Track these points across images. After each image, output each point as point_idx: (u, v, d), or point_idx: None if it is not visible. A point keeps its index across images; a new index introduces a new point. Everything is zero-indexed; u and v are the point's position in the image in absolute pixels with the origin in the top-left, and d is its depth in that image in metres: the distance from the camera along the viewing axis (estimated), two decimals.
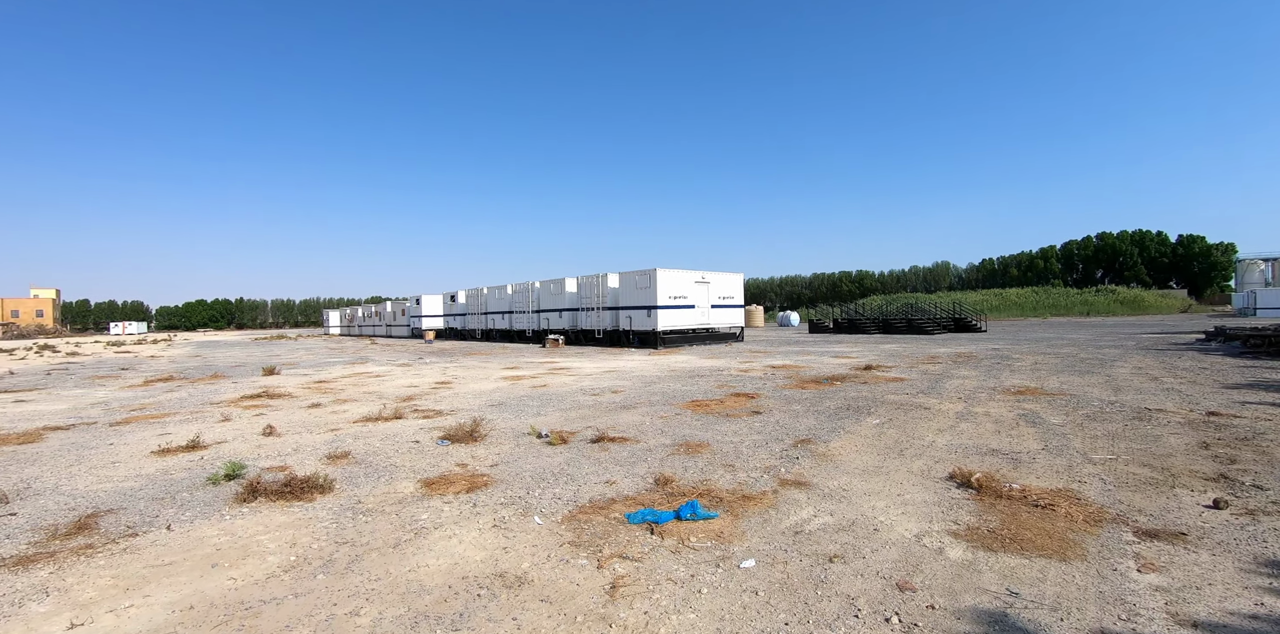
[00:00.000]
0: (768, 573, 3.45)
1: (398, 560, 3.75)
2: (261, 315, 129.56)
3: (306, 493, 5.01)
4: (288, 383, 14.51)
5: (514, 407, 9.67)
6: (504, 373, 15.52)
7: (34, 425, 9.16)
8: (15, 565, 3.83)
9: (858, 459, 5.88)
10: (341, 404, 10.54)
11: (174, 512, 4.80)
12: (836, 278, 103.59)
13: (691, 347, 24.88)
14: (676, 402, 9.65)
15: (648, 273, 24.57)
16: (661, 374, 14.01)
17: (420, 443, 7.03)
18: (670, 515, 4.31)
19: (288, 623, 3.04)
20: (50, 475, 6.08)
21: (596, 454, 6.26)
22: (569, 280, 29.96)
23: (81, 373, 19.67)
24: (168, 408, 10.76)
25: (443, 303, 44.50)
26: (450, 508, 4.70)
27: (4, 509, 4.99)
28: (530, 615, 3.05)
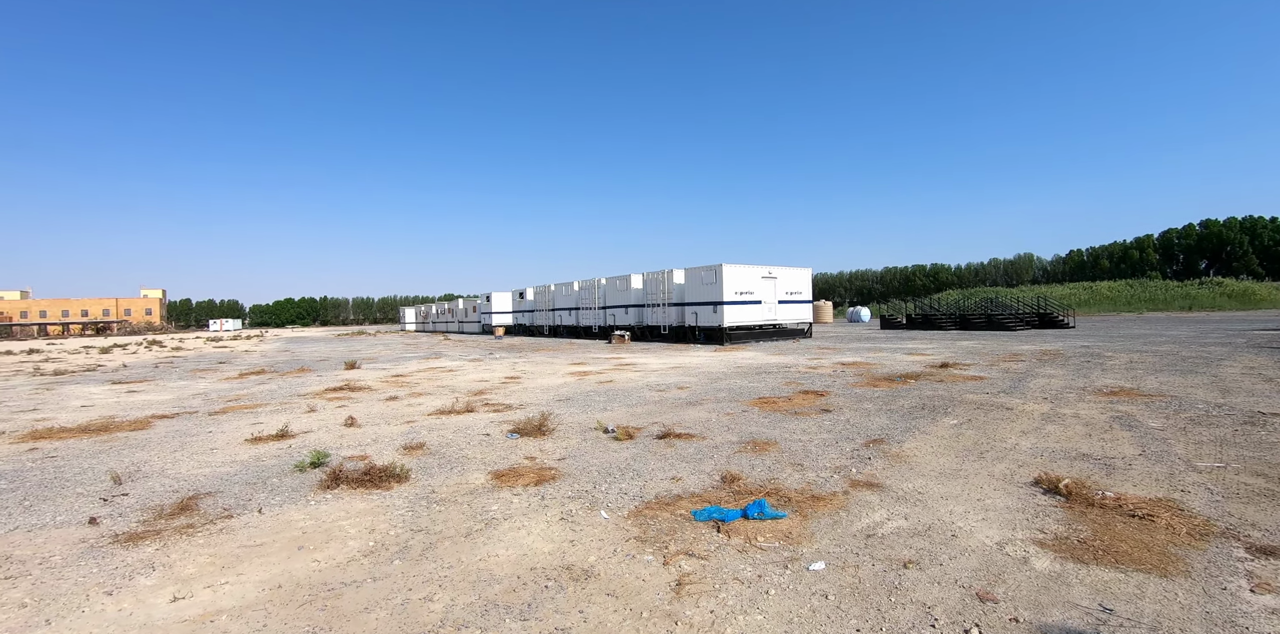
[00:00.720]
0: (838, 577, 3.37)
1: (469, 549, 3.87)
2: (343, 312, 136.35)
3: (384, 482, 5.23)
4: (367, 377, 15.22)
5: (581, 402, 9.80)
6: (571, 368, 15.76)
7: (144, 414, 9.96)
8: (126, 541, 4.18)
9: (934, 461, 5.65)
10: (417, 397, 10.96)
11: (265, 496, 5.12)
12: (910, 272, 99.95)
13: (758, 343, 24.57)
14: (743, 399, 9.55)
15: (713, 268, 24.39)
16: (727, 370, 13.90)
17: (490, 436, 7.23)
18: (737, 514, 4.26)
19: (366, 605, 3.18)
20: (157, 460, 6.59)
21: (662, 450, 6.26)
22: (634, 277, 30.09)
23: (184, 366, 21.26)
24: (260, 399, 11.48)
25: (512, 300, 45.58)
26: (519, 500, 4.81)
27: (117, 490, 5.45)
28: (597, 609, 3.08)
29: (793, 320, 26.94)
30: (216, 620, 3.08)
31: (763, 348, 21.61)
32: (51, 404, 11.88)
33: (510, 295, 45.94)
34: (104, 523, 4.58)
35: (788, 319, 26.60)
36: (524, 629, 2.91)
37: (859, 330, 35.28)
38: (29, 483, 5.83)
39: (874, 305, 77.07)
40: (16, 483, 5.84)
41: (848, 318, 53.67)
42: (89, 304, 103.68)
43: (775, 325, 26.50)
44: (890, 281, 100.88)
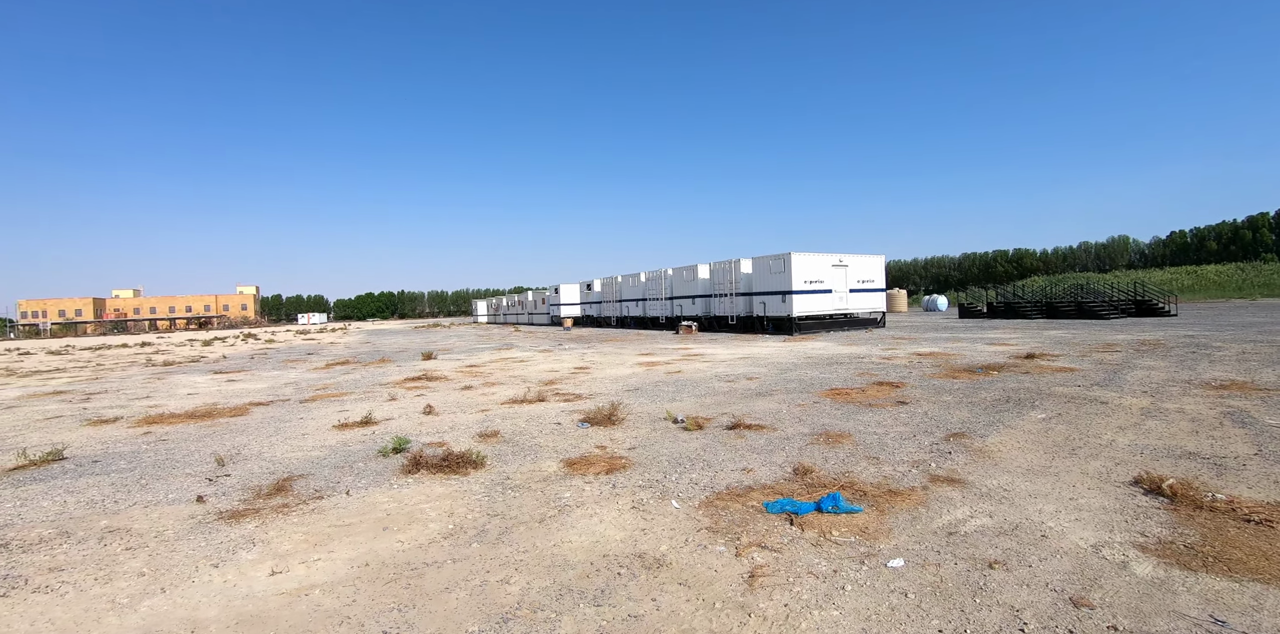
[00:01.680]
0: (918, 575, 3.25)
1: (543, 535, 3.95)
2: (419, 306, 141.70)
3: (461, 467, 5.42)
4: (443, 367, 15.77)
5: (649, 392, 9.83)
6: (639, 359, 15.84)
7: (242, 401, 10.67)
8: (230, 518, 4.49)
9: (1020, 457, 5.37)
10: (490, 387, 11.28)
11: (352, 479, 5.39)
12: (990, 258, 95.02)
13: (828, 333, 23.98)
14: (814, 390, 9.35)
15: (781, 257, 23.92)
16: (797, 361, 13.64)
17: (562, 425, 7.36)
18: (810, 507, 4.18)
19: (447, 585, 3.30)
20: (255, 444, 7.04)
21: (732, 441, 6.21)
22: (701, 267, 29.90)
23: (276, 357, 22.65)
24: (345, 388, 12.10)
25: (580, 292, 46.17)
26: (591, 488, 4.88)
27: (220, 471, 5.86)
28: (669, 598, 3.08)
29: (865, 309, 26.15)
30: (310, 594, 3.27)
31: (833, 338, 21.08)
32: (162, 392, 12.90)
33: (578, 287, 46.54)
34: (210, 501, 4.94)
35: (859, 308, 25.84)
36: (598, 615, 2.95)
37: (936, 319, 33.89)
38: (144, 463, 6.35)
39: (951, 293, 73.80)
40: (134, 463, 6.38)
41: (923, 307, 51.60)
42: (192, 300, 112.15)
43: (846, 315, 25.79)
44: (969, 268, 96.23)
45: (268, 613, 3.10)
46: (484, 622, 2.92)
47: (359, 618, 3.01)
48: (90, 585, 3.52)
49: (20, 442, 7.87)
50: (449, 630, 2.86)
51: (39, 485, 5.67)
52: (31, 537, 4.35)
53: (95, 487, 5.54)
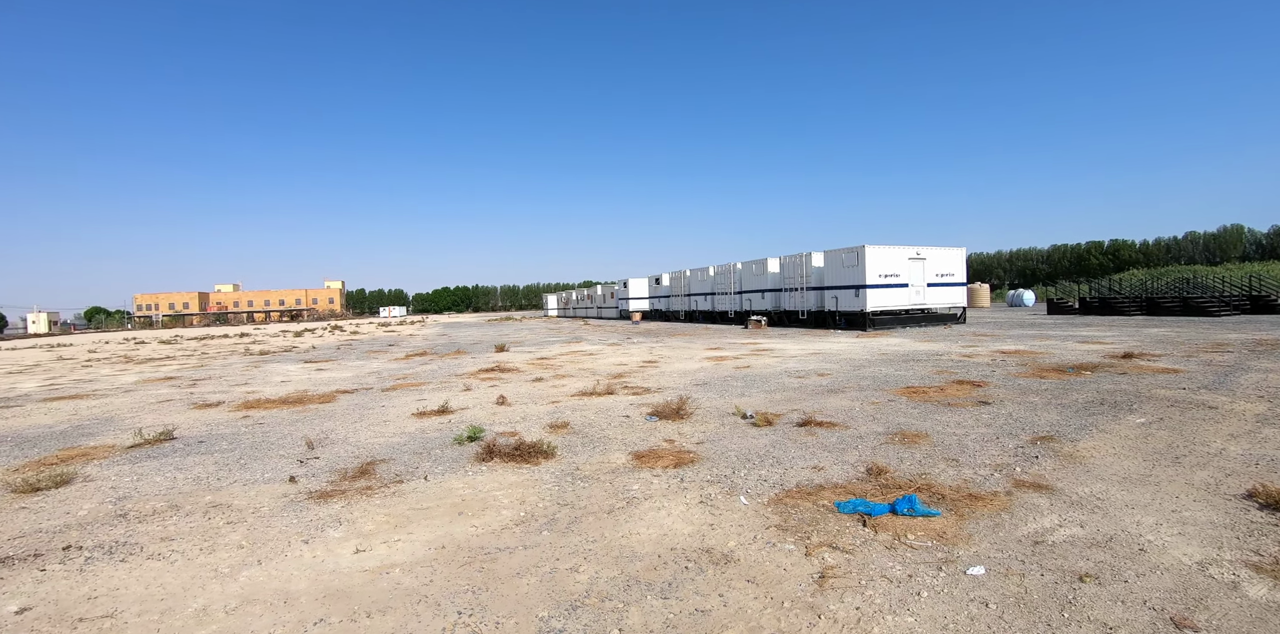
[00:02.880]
0: (1000, 584, 3.10)
1: (611, 526, 4.00)
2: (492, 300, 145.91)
3: (532, 457, 5.55)
4: (515, 359, 16.18)
5: (718, 386, 9.77)
6: (707, 353, 15.76)
7: (329, 389, 11.28)
8: (319, 498, 4.77)
9: (1116, 464, 5.02)
10: (560, 379, 11.49)
11: (429, 465, 5.62)
12: (1083, 250, 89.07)
13: (904, 329, 23.14)
14: (889, 387, 9.04)
15: (855, 250, 23.23)
16: (871, 357, 13.23)
17: (630, 418, 7.42)
18: (885, 508, 4.05)
19: (518, 571, 3.39)
20: (341, 429, 7.44)
21: (803, 438, 6.09)
22: (771, 260, 29.41)
23: (360, 348, 23.82)
24: (423, 378, 12.60)
25: (648, 286, 46.32)
26: (659, 481, 4.89)
27: (310, 454, 6.22)
28: (737, 594, 3.06)
29: (943, 304, 25.06)
30: (391, 573, 3.43)
31: (910, 334, 20.32)
32: (258, 379, 13.81)
33: (646, 281, 46.71)
34: (300, 481, 5.26)
35: (938, 303, 24.79)
36: (665, 607, 2.96)
37: (1021, 316, 32.11)
38: (243, 445, 6.82)
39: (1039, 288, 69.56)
40: (234, 444, 6.86)
41: (1008, 302, 48.97)
42: (284, 294, 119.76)
43: (924, 310, 24.81)
44: (1058, 261, 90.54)
45: (352, 588, 3.27)
46: (553, 608, 2.99)
47: (435, 597, 3.13)
48: (196, 555, 3.82)
49: (136, 422, 8.61)
50: (520, 614, 2.94)
51: (153, 462, 6.19)
52: (146, 508, 4.76)
53: (200, 465, 6.00)
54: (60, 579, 3.58)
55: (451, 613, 2.98)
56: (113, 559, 3.82)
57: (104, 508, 4.82)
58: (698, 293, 37.13)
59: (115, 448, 6.97)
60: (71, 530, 4.36)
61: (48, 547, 4.07)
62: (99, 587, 3.45)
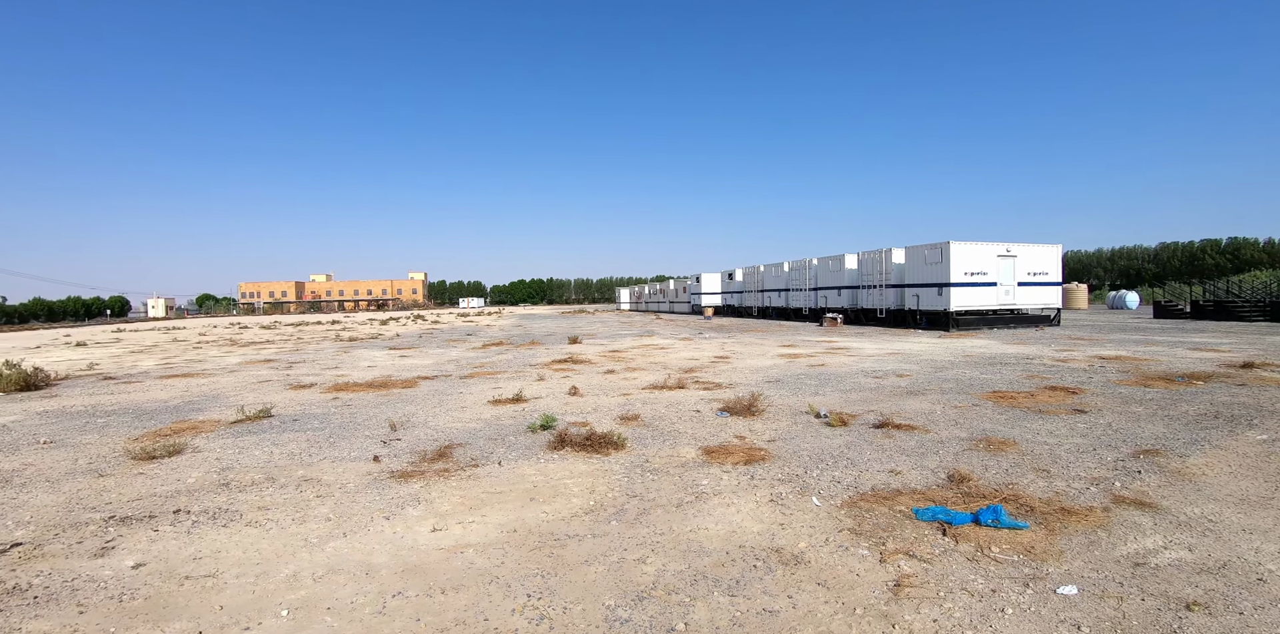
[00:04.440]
0: (1095, 607, 2.88)
1: (679, 520, 3.98)
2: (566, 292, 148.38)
3: (603, 448, 5.60)
4: (588, 351, 16.40)
5: (791, 384, 9.58)
6: (780, 350, 15.48)
7: (412, 375, 11.79)
8: (400, 478, 4.99)
9: (1231, 484, 4.58)
10: (631, 372, 11.57)
11: (504, 451, 5.77)
12: (1196, 248, 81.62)
13: (991, 330, 21.97)
14: (973, 391, 8.61)
15: (938, 246, 22.21)
16: (954, 359, 12.63)
17: (701, 413, 7.37)
18: (967, 518, 3.85)
19: (586, 558, 3.43)
20: (422, 413, 7.75)
21: (880, 440, 5.88)
22: (849, 256, 28.56)
23: (440, 337, 24.78)
24: (499, 367, 12.97)
25: (721, 281, 45.96)
26: (729, 477, 4.84)
27: (393, 435, 6.52)
28: (806, 597, 2.98)
29: (1035, 305, 23.61)
30: (465, 552, 3.55)
31: (997, 336, 19.27)
32: (347, 364, 14.60)
33: (719, 276, 46.35)
34: (384, 461, 5.52)
35: (1029, 303, 23.38)
36: (731, 605, 2.92)
37: (1123, 319, 29.86)
38: (333, 424, 7.22)
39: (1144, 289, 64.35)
40: (325, 424, 7.27)
41: (1108, 303, 45.60)
42: (372, 285, 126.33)
43: (1013, 310, 23.47)
44: (1167, 260, 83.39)
45: (428, 565, 3.40)
46: (620, 597, 3.00)
47: (506, 579, 3.21)
48: (289, 524, 4.07)
49: (239, 400, 9.27)
50: (587, 601, 2.97)
51: (252, 437, 6.64)
52: (246, 479, 5.11)
53: (294, 441, 6.39)
54: (170, 539, 3.89)
55: (521, 595, 3.04)
56: (215, 524, 4.13)
57: (209, 477, 5.21)
58: (771, 289, 36.53)
59: (220, 423, 7.53)
60: (181, 496, 4.74)
61: (160, 510, 4.44)
62: (203, 549, 3.73)
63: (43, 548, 3.83)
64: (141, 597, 3.16)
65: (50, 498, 4.82)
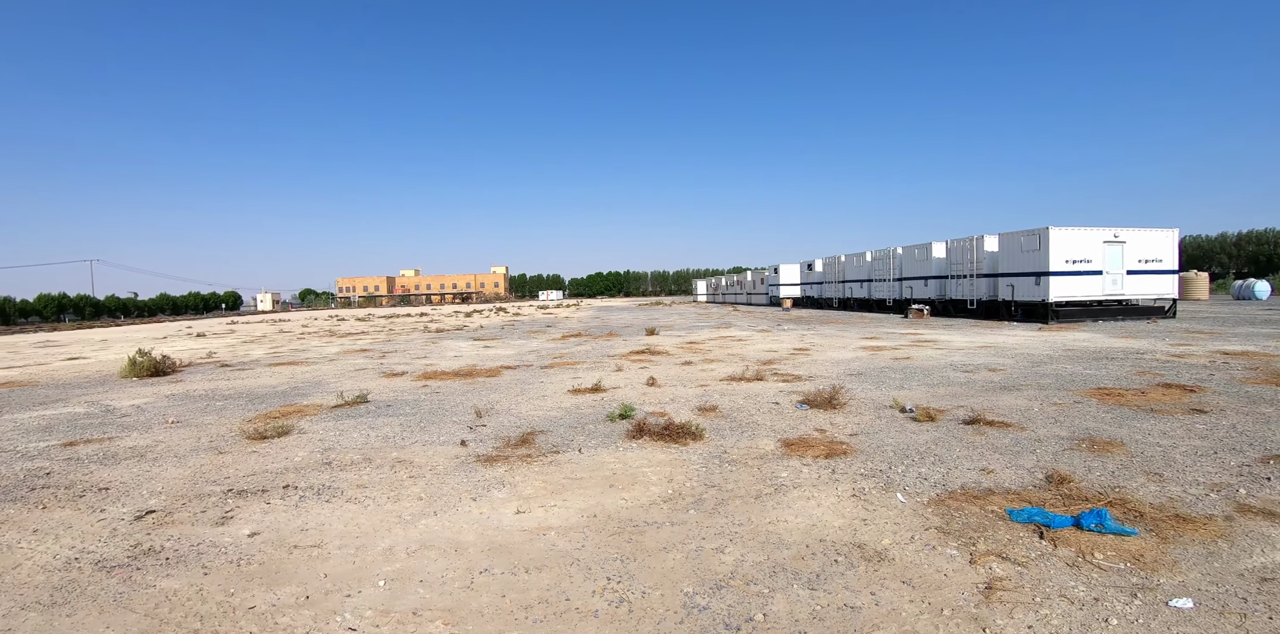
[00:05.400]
0: (1212, 623, 2.65)
1: (758, 511, 3.96)
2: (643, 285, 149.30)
3: (681, 438, 5.63)
4: (665, 342, 16.46)
5: (874, 377, 9.28)
6: (862, 342, 15.02)
7: (495, 364, 12.21)
8: (485, 462, 5.20)
9: None
10: (709, 363, 11.53)
11: (583, 439, 5.90)
12: None
13: (1095, 322, 20.45)
14: (1075, 388, 8.06)
15: (1036, 233, 20.85)
16: (1053, 353, 11.86)
17: (780, 405, 7.27)
18: (1067, 521, 3.63)
19: (664, 545, 3.47)
20: (505, 401, 8.03)
21: (970, 437, 5.62)
22: (936, 245, 27.29)
23: (521, 328, 25.50)
24: (578, 358, 13.23)
25: (800, 272, 45.01)
26: (809, 470, 4.76)
27: (478, 421, 6.78)
28: (890, 595, 2.90)
29: (1147, 295, 21.76)
30: (547, 535, 3.66)
31: (1102, 329, 17.93)
32: (435, 354, 15.28)
33: (798, 267, 45.39)
34: (470, 446, 5.77)
35: (1139, 293, 21.57)
36: (811, 598, 2.89)
37: (1251, 310, 27.06)
38: (423, 410, 7.59)
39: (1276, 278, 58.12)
40: (416, 410, 7.66)
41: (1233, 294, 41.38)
42: (456, 278, 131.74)
43: (1121, 301, 21.74)
44: None
45: (513, 545, 3.54)
46: (698, 585, 3.02)
47: (587, 562, 3.30)
48: (384, 502, 4.33)
49: (338, 386, 9.88)
50: (665, 587, 3.01)
51: (351, 421, 7.08)
52: (346, 459, 5.46)
53: (388, 426, 6.77)
54: (280, 512, 4.22)
55: (601, 578, 3.12)
56: (320, 499, 4.44)
57: (313, 456, 5.60)
58: (853, 279, 35.44)
59: (322, 407, 8.06)
60: (289, 473, 5.12)
61: (271, 485, 4.82)
62: (309, 521, 4.03)
63: (172, 515, 4.24)
64: (256, 562, 3.45)
65: (177, 471, 5.31)
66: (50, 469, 5.54)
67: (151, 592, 3.16)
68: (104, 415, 8.12)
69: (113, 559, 3.57)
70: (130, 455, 5.92)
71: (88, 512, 4.39)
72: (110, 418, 7.93)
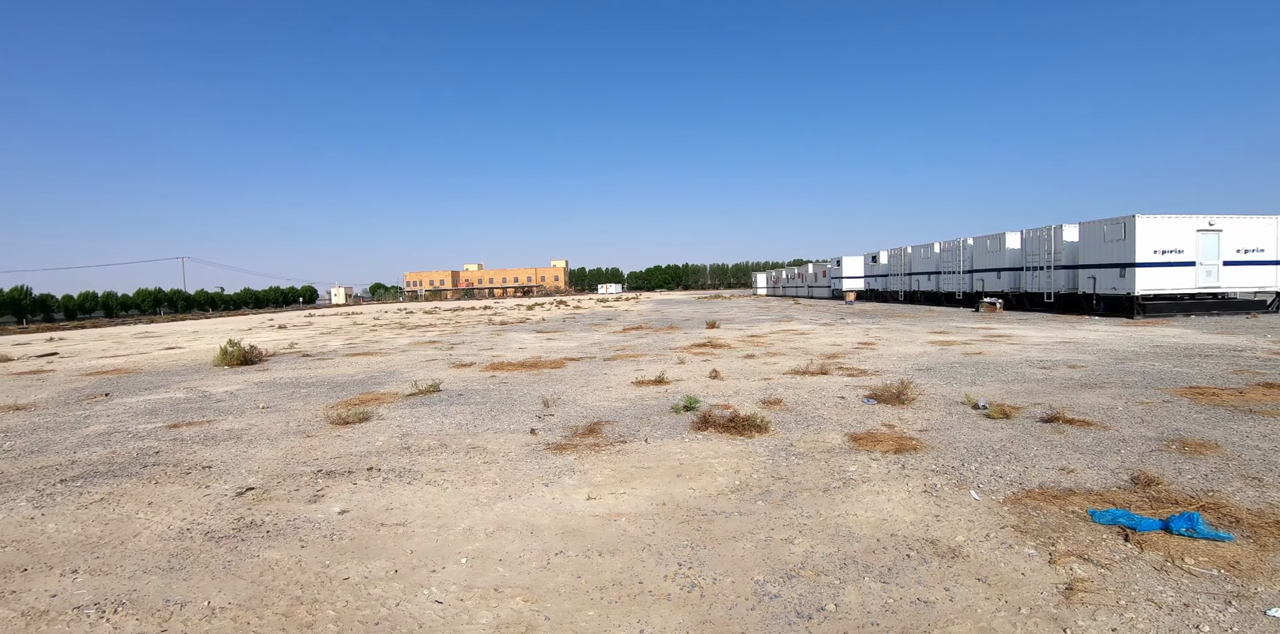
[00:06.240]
0: None
1: (827, 504, 3.96)
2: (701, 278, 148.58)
3: (746, 430, 5.65)
4: (726, 335, 16.42)
5: (944, 373, 9.03)
6: (931, 337, 14.59)
7: (559, 356, 12.47)
8: (555, 449, 5.37)
9: None
10: (771, 357, 11.45)
11: (649, 429, 6.00)
12: None
13: (1187, 317, 19.18)
14: (1163, 386, 7.63)
15: (1120, 221, 19.69)
16: (1139, 349, 11.22)
17: (845, 399, 7.18)
18: (1155, 524, 3.49)
19: (734, 534, 3.53)
20: (570, 392, 8.21)
21: (1049, 435, 5.43)
22: (1010, 235, 26.13)
23: (582, 321, 25.85)
24: (640, 350, 13.36)
25: (863, 264, 43.90)
26: (877, 465, 4.71)
27: (546, 411, 6.98)
28: (965, 591, 2.87)
29: (1246, 288, 20.23)
30: (618, 521, 3.77)
31: (1194, 324, 16.81)
32: (500, 346, 15.70)
33: (862, 259, 44.27)
34: (539, 434, 5.95)
35: (1238, 286, 20.07)
36: (884, 591, 2.89)
37: None
38: (492, 400, 7.86)
39: None
40: (486, 399, 7.93)
41: None
42: (517, 272, 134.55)
43: (1216, 294, 20.31)
44: None
45: (585, 529, 3.66)
46: (769, 573, 3.07)
47: (658, 547, 3.39)
48: (461, 485, 4.54)
49: (411, 376, 10.31)
50: (736, 574, 3.07)
51: (425, 409, 7.40)
52: (423, 444, 5.73)
53: (460, 413, 7.05)
54: (366, 492, 4.48)
55: (672, 563, 3.20)
56: (402, 481, 4.69)
57: (393, 441, 5.90)
58: (920, 272, 34.33)
59: (398, 395, 8.45)
60: (371, 456, 5.41)
61: (356, 466, 5.11)
62: (393, 501, 4.27)
63: (269, 492, 4.57)
64: (348, 537, 3.69)
65: (271, 453, 5.70)
66: (159, 448, 6.03)
67: (256, 561, 3.43)
68: (201, 400, 8.74)
69: (220, 531, 3.89)
70: (227, 437, 6.38)
71: (194, 487, 4.78)
72: (207, 403, 8.53)
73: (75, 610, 2.97)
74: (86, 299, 64.17)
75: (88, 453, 5.95)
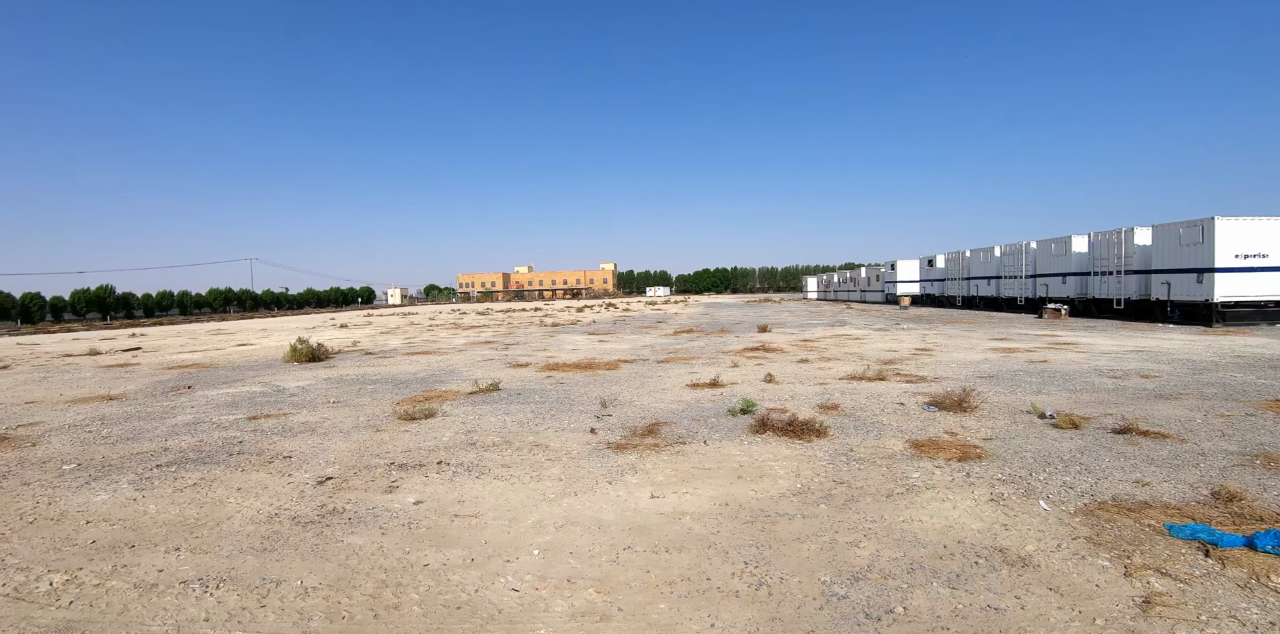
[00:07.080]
0: None
1: (891, 509, 3.96)
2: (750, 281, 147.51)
3: (804, 434, 5.67)
4: (778, 339, 16.32)
5: (1007, 380, 8.80)
6: (992, 343, 14.19)
7: (612, 358, 12.64)
8: (616, 448, 5.50)
9: None
10: (826, 361, 11.35)
11: (707, 431, 6.07)
12: None
13: (1271, 326, 18.05)
14: (1245, 398, 7.27)
15: (1197, 224, 18.71)
16: (1218, 359, 10.68)
17: (905, 405, 7.10)
18: (1238, 540, 3.37)
19: (798, 536, 3.57)
20: (626, 393, 8.34)
21: (1121, 447, 5.26)
22: (1076, 238, 25.13)
23: (633, 323, 26.06)
24: (692, 353, 13.42)
25: (919, 268, 42.86)
26: (941, 472, 4.67)
27: (604, 411, 7.12)
28: (1036, 600, 2.85)
29: None
30: (682, 519, 3.86)
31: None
32: (554, 347, 15.99)
33: (917, 263, 43.21)
34: (600, 433, 6.09)
35: None
36: (952, 596, 2.89)
37: None
38: (551, 399, 8.05)
39: None
40: (544, 398, 8.13)
41: None
42: (567, 275, 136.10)
43: None
44: None
45: (651, 526, 3.77)
46: (835, 575, 3.11)
47: (723, 546, 3.46)
48: (528, 481, 4.70)
49: (470, 375, 10.63)
50: (802, 574, 3.12)
51: (487, 406, 7.64)
52: (488, 441, 5.94)
53: (521, 412, 7.25)
54: (438, 484, 4.69)
55: (738, 562, 3.27)
56: (470, 475, 4.89)
57: (459, 437, 6.13)
58: (978, 276, 33.31)
59: (459, 393, 8.74)
60: (440, 450, 5.65)
61: (426, 460, 5.34)
62: (464, 494, 4.46)
63: (347, 482, 4.83)
64: (424, 527, 3.88)
65: (345, 445, 6.00)
66: (242, 439, 6.42)
67: (341, 546, 3.66)
68: (276, 394, 9.22)
69: (305, 516, 4.15)
70: (303, 429, 6.73)
71: (278, 475, 5.08)
72: (282, 397, 9.00)
73: (181, 585, 3.24)
74: (163, 297, 68.05)
75: (178, 441, 6.39)
